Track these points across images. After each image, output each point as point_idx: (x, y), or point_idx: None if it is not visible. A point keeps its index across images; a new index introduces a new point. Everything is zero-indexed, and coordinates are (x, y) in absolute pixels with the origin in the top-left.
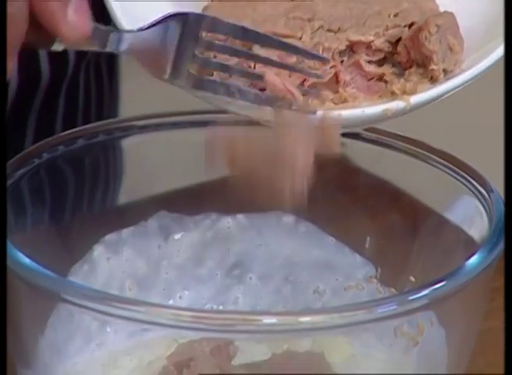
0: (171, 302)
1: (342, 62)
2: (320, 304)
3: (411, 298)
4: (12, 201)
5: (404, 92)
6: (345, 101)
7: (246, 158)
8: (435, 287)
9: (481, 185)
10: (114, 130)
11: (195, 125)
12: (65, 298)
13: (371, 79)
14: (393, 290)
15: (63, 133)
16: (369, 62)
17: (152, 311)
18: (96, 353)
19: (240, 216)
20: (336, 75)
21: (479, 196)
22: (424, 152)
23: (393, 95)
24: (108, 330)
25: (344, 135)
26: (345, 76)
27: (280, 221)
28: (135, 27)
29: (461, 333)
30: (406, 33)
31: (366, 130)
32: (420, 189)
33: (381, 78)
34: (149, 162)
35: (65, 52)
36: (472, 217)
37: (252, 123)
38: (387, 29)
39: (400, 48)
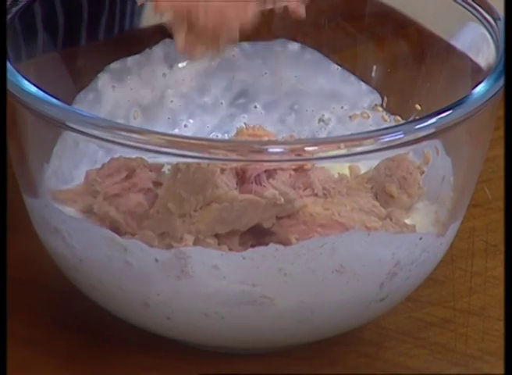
0: (176, 131)
1: None
2: (325, 132)
3: (418, 126)
4: (12, 30)
5: None
6: None
7: None
8: (441, 116)
9: (488, 13)
10: None
11: None
12: (70, 126)
13: None
14: (399, 118)
15: None
16: None
17: (157, 139)
18: None
19: (245, 44)
20: None
21: (486, 24)
22: None
23: None
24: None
25: None
26: None
27: (285, 49)
28: None
29: (467, 162)
30: None
31: None
32: (426, 16)
33: None
34: None
35: None
36: (479, 45)
37: None
38: None
39: None
